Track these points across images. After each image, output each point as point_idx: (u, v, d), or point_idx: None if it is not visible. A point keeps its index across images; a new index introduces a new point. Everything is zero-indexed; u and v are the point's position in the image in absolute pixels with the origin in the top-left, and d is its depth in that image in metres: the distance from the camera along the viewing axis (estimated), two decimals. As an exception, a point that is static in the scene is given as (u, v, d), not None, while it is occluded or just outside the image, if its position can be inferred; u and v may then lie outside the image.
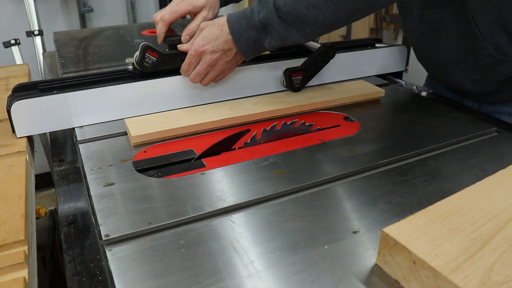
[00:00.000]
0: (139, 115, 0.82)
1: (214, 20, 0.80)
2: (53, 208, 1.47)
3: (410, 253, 0.42)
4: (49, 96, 0.74)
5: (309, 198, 0.60)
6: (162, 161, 0.69)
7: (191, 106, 0.86)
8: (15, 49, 1.59)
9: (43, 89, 0.76)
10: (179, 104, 0.85)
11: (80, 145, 0.74)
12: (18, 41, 1.59)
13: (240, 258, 0.48)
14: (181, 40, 0.84)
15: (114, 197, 0.59)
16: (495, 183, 0.53)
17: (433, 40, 0.90)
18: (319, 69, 0.96)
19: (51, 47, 1.48)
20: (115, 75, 0.82)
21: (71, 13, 2.24)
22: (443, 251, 0.42)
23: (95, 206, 0.57)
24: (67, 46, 1.28)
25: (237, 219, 0.55)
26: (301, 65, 0.93)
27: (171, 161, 0.70)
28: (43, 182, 2.19)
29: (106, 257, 0.49)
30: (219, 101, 0.89)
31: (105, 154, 0.71)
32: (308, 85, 0.96)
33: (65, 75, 1.02)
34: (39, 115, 0.74)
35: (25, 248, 0.47)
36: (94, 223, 0.56)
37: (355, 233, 0.53)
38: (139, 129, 0.75)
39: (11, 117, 0.72)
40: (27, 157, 0.67)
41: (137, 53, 0.80)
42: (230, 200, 0.58)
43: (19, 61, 1.60)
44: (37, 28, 1.57)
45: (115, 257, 0.49)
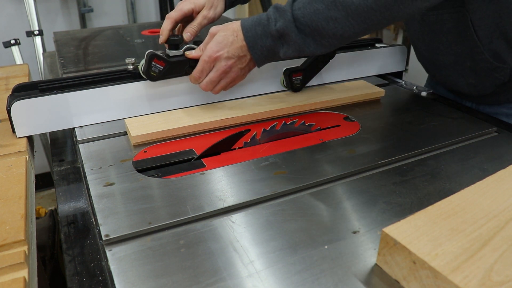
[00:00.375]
0: (139, 115, 0.82)
1: (225, 24, 0.77)
2: (53, 208, 1.47)
3: (410, 253, 0.42)
4: (49, 96, 0.74)
5: (309, 198, 0.60)
6: (162, 161, 0.69)
7: (191, 106, 0.86)
8: (15, 49, 1.59)
9: (43, 89, 0.76)
10: (179, 104, 0.85)
11: (80, 145, 0.74)
12: (18, 41, 1.59)
13: (240, 258, 0.48)
14: (183, 37, 0.84)
15: (114, 197, 0.59)
16: (495, 183, 0.53)
17: (433, 41, 0.90)
18: (319, 69, 0.96)
19: (51, 47, 1.48)
20: (115, 75, 0.82)
21: (71, 13, 2.24)
22: (443, 251, 0.42)
23: (95, 206, 0.57)
24: (67, 46, 1.28)
25: (237, 219, 0.55)
26: (301, 65, 0.93)
27: (171, 161, 0.70)
28: (43, 182, 2.18)
29: (106, 257, 0.49)
30: (219, 101, 0.89)
31: (105, 154, 0.71)
32: (308, 85, 0.96)
33: (65, 75, 1.01)
34: (39, 115, 0.74)
35: (25, 248, 0.47)
36: (94, 223, 0.56)
37: (355, 233, 0.53)
38: (139, 129, 0.75)
39: (11, 117, 0.72)
40: (27, 157, 0.67)
41: (143, 61, 0.79)
42: (230, 200, 0.58)
43: (19, 61, 1.60)
44: (37, 28, 1.58)
45: (115, 257, 0.49)
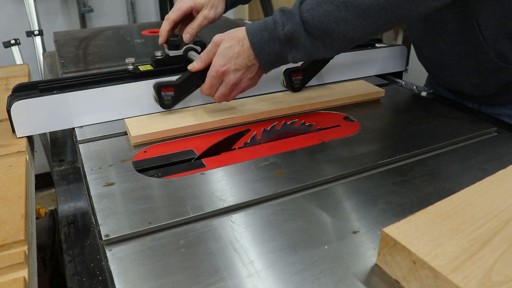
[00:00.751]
0: (139, 115, 0.82)
1: (229, 33, 0.73)
2: (53, 208, 1.47)
3: (410, 253, 0.42)
4: (49, 96, 0.74)
5: (309, 198, 0.60)
6: (162, 161, 0.69)
7: (191, 106, 0.86)
8: (15, 49, 1.59)
9: (43, 89, 0.76)
10: (179, 104, 0.85)
11: (80, 145, 0.74)
12: (18, 41, 1.60)
13: (240, 258, 0.48)
14: (183, 39, 0.84)
15: (114, 197, 0.59)
16: (495, 183, 0.53)
17: (435, 41, 0.90)
18: (319, 69, 0.96)
19: (51, 47, 1.48)
20: (115, 75, 0.82)
21: (71, 13, 2.24)
22: (443, 251, 0.42)
23: (95, 206, 0.57)
24: (67, 46, 1.28)
25: (237, 219, 0.55)
26: (301, 65, 0.93)
27: (171, 161, 0.70)
28: (43, 182, 2.18)
29: (106, 257, 0.49)
30: (219, 101, 0.89)
31: (105, 154, 0.71)
32: (308, 85, 0.96)
33: (65, 75, 1.01)
34: (39, 115, 0.74)
35: (25, 248, 0.47)
36: (94, 223, 0.56)
37: (355, 233, 0.53)
38: (139, 129, 0.75)
39: (11, 117, 0.72)
40: (27, 157, 0.67)
41: (153, 93, 0.79)
42: (230, 200, 0.58)
43: (19, 61, 1.60)
44: (37, 28, 1.58)
45: (115, 257, 0.49)
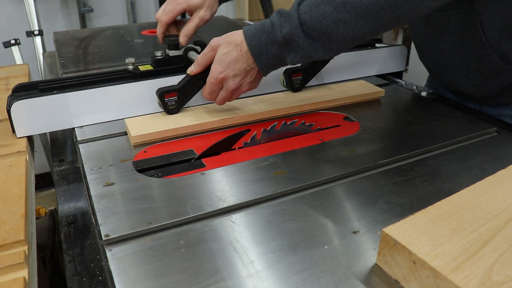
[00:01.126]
0: (139, 115, 0.82)
1: (227, 36, 0.73)
2: (53, 208, 1.47)
3: (410, 253, 0.42)
4: (49, 96, 0.74)
5: (309, 198, 0.60)
6: (162, 161, 0.69)
7: (191, 106, 0.86)
8: (15, 49, 1.59)
9: (43, 89, 0.76)
10: (179, 104, 0.85)
11: (80, 145, 0.74)
12: (18, 41, 1.59)
13: (240, 258, 0.48)
14: (180, 41, 0.83)
15: (114, 197, 0.59)
16: (495, 183, 0.53)
17: (437, 42, 0.90)
18: (319, 69, 0.96)
19: (51, 47, 1.48)
20: (115, 75, 0.82)
21: (71, 13, 2.24)
22: (443, 251, 0.42)
23: (95, 206, 0.57)
24: (67, 46, 1.28)
25: (237, 219, 0.55)
26: (301, 65, 0.93)
27: (171, 161, 0.70)
28: (43, 182, 2.18)
29: (106, 257, 0.49)
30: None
31: (105, 154, 0.71)
32: (308, 85, 0.96)
33: (65, 75, 1.02)
34: (39, 115, 0.74)
35: (25, 248, 0.47)
36: (94, 223, 0.56)
37: (355, 233, 0.53)
38: (139, 129, 0.75)
39: (11, 117, 0.72)
40: (27, 157, 0.67)
41: (157, 99, 0.80)
42: (230, 200, 0.58)
43: (19, 61, 1.60)
44: (37, 28, 1.57)
45: (115, 257, 0.49)
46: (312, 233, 0.52)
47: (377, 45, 1.09)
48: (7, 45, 1.58)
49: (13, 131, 0.73)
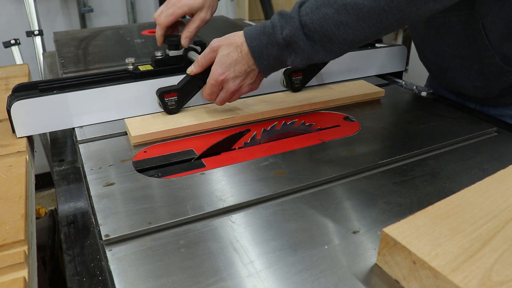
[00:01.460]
0: (139, 115, 0.82)
1: (227, 37, 0.73)
2: (53, 208, 1.47)
3: (410, 253, 0.42)
4: (49, 96, 0.74)
5: (309, 198, 0.60)
6: (162, 161, 0.69)
7: (191, 106, 0.86)
8: (15, 49, 1.59)
9: (43, 89, 0.76)
10: (179, 104, 0.85)
11: (80, 145, 0.74)
12: (18, 41, 1.59)
13: (240, 258, 0.48)
14: (181, 43, 0.83)
15: (114, 197, 0.59)
16: (495, 183, 0.53)
17: (438, 43, 0.89)
18: (319, 69, 0.96)
19: (51, 47, 1.48)
20: (115, 75, 0.82)
21: (71, 13, 2.24)
22: (443, 251, 0.42)
23: (95, 206, 0.57)
24: (67, 46, 1.28)
25: (237, 219, 0.55)
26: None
27: (171, 161, 0.70)
28: (43, 182, 2.18)
29: (106, 257, 0.49)
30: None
31: (105, 154, 0.71)
32: (308, 85, 0.96)
33: (65, 75, 1.01)
34: (39, 115, 0.74)
35: (25, 248, 0.47)
36: (94, 223, 0.56)
37: (355, 233, 0.53)
38: (139, 129, 0.75)
39: (11, 117, 0.72)
40: (27, 157, 0.67)
41: (157, 99, 0.80)
42: (230, 200, 0.58)
43: (19, 61, 1.60)
44: (37, 28, 1.57)
45: (115, 257, 0.49)
46: (312, 233, 0.52)
47: (377, 45, 1.09)
48: (7, 45, 1.58)
49: (13, 131, 0.73)
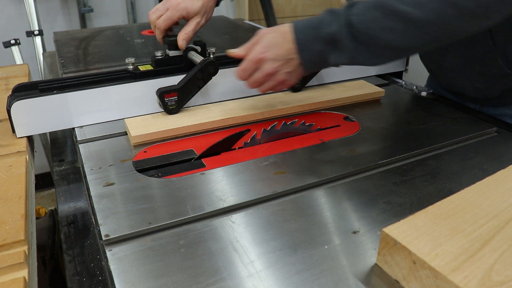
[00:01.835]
0: (139, 115, 0.82)
1: (275, 27, 0.72)
2: (53, 208, 1.47)
3: (410, 253, 0.42)
4: (49, 96, 0.74)
5: (309, 198, 0.60)
6: (162, 161, 0.69)
7: (191, 106, 0.86)
8: (15, 49, 1.59)
9: (43, 89, 0.76)
10: (179, 104, 0.85)
11: (80, 145, 0.74)
12: (18, 41, 1.59)
13: (240, 258, 0.48)
14: (178, 45, 0.83)
15: (114, 197, 0.59)
16: (495, 183, 0.53)
17: None
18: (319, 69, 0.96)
19: (51, 47, 1.48)
20: (115, 75, 0.82)
21: (71, 13, 2.24)
22: (443, 251, 0.42)
23: (95, 206, 0.57)
24: (67, 46, 1.28)
25: (237, 219, 0.55)
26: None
27: (171, 161, 0.70)
28: (43, 182, 2.18)
29: (106, 257, 0.49)
30: (219, 101, 0.89)
31: (105, 154, 0.71)
32: (308, 85, 0.96)
33: (65, 75, 1.01)
34: (39, 115, 0.74)
35: (25, 248, 0.47)
36: (94, 223, 0.56)
37: (355, 233, 0.53)
38: (139, 129, 0.75)
39: (11, 117, 0.72)
40: (27, 157, 0.67)
41: (157, 99, 0.80)
42: (230, 200, 0.58)
43: (19, 61, 1.60)
44: (37, 28, 1.57)
45: (115, 257, 0.49)
46: (312, 233, 0.52)
47: (377, 45, 1.08)
48: (7, 45, 1.58)
49: (13, 131, 0.73)
